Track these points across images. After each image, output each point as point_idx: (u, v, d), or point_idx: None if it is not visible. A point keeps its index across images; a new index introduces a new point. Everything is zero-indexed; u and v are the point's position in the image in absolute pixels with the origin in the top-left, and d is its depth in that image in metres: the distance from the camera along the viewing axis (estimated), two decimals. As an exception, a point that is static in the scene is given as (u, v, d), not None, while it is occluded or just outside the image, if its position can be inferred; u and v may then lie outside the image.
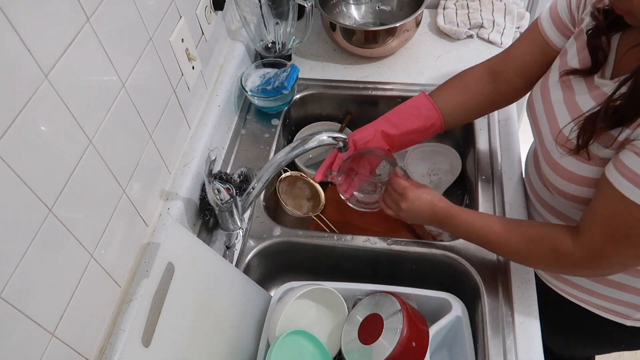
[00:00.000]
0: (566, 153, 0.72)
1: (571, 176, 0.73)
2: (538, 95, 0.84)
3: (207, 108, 1.05)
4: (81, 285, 0.65)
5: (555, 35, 0.84)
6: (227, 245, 0.96)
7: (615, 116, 0.65)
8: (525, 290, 0.87)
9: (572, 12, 0.81)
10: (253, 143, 1.13)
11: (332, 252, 0.98)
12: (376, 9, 1.40)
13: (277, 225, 0.99)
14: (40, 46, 0.55)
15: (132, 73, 0.75)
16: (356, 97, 1.24)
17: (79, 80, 0.63)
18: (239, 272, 0.87)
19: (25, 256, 0.55)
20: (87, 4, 0.63)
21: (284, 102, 1.16)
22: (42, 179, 0.57)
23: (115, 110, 0.71)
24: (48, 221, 0.58)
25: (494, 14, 1.34)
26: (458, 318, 0.84)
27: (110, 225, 0.71)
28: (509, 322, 0.84)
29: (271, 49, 1.23)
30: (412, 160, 1.23)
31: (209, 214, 0.96)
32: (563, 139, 0.73)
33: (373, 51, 1.26)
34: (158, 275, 0.66)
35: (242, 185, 1.00)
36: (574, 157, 0.72)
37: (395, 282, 0.90)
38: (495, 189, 1.02)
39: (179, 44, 0.89)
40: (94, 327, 0.70)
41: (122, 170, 0.74)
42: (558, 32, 0.83)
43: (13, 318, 0.54)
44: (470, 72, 0.97)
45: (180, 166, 0.94)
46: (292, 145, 0.85)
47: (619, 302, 0.85)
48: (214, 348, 0.76)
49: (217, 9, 1.06)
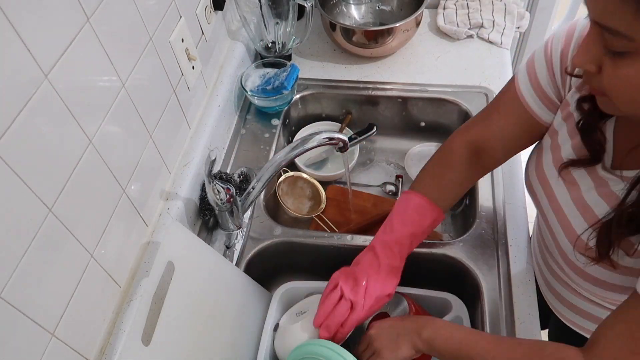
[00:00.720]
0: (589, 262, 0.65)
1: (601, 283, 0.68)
2: (536, 182, 0.76)
3: (207, 108, 1.05)
4: (81, 285, 0.65)
5: (540, 110, 0.73)
6: (227, 245, 0.96)
7: (632, 224, 0.58)
8: (525, 290, 0.87)
9: (557, 86, 0.70)
10: (253, 143, 1.14)
11: (332, 252, 0.98)
12: (376, 9, 1.40)
13: (277, 225, 0.99)
14: (40, 46, 0.55)
15: (132, 73, 0.75)
16: (356, 97, 1.24)
17: (79, 80, 0.63)
18: (239, 271, 0.87)
19: (25, 256, 0.55)
20: (87, 4, 0.63)
21: (284, 102, 1.16)
22: (42, 179, 0.57)
23: (115, 110, 0.71)
24: (48, 221, 0.58)
25: (494, 14, 1.34)
26: (458, 318, 0.84)
27: (110, 225, 0.71)
28: (509, 322, 0.84)
29: (271, 49, 1.23)
30: (412, 161, 1.23)
31: (209, 214, 0.96)
32: (582, 246, 0.66)
33: (373, 51, 1.26)
34: (158, 273, 0.66)
35: (242, 185, 1.00)
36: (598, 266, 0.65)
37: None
38: (495, 189, 1.02)
39: (179, 44, 0.89)
40: (94, 327, 0.70)
41: (122, 170, 0.74)
42: (544, 107, 0.73)
43: (13, 318, 0.54)
44: (456, 157, 0.82)
45: (180, 166, 0.94)
46: (292, 145, 0.85)
47: None
48: (214, 347, 0.76)
49: (217, 9, 1.06)
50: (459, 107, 1.19)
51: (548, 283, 0.87)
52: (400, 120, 1.27)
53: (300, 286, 0.89)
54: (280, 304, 0.88)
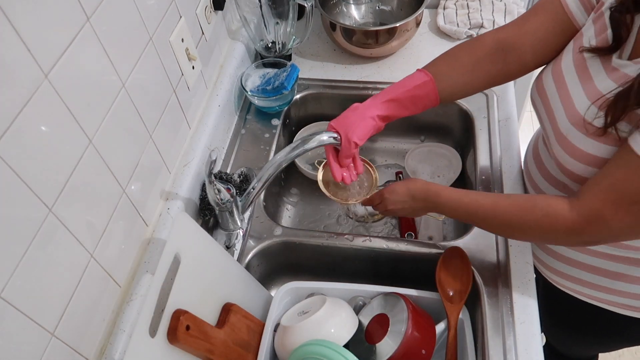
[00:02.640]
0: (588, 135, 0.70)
1: (590, 159, 0.72)
2: (550, 79, 0.80)
3: (207, 108, 1.05)
4: (81, 285, 0.65)
5: (578, 10, 0.78)
6: (227, 245, 0.96)
7: None
8: (525, 290, 0.87)
9: None
10: (253, 143, 1.13)
11: (332, 252, 0.98)
12: (376, 9, 1.40)
13: (277, 225, 0.99)
14: (40, 46, 0.55)
15: (132, 73, 0.75)
16: (356, 97, 1.24)
17: (79, 80, 0.63)
18: (242, 268, 0.87)
19: (25, 256, 0.55)
20: (87, 4, 0.63)
21: (284, 102, 1.16)
22: (42, 178, 0.57)
23: (115, 110, 0.71)
24: (48, 221, 0.58)
25: (494, 14, 1.34)
26: (459, 319, 0.84)
27: (110, 225, 0.71)
28: (509, 322, 0.83)
29: (271, 49, 1.23)
30: (412, 160, 1.23)
31: (209, 214, 0.96)
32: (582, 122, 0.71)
33: (373, 51, 1.26)
34: (167, 263, 0.66)
35: (242, 185, 1.00)
36: (594, 140, 0.70)
37: (395, 282, 0.90)
38: (496, 189, 1.02)
39: (179, 43, 0.89)
40: (94, 327, 0.70)
41: (122, 170, 0.74)
42: (582, 7, 0.77)
43: (13, 318, 0.54)
44: (480, 46, 0.85)
45: (180, 166, 0.94)
46: (292, 145, 0.85)
47: (628, 295, 0.85)
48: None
49: (217, 8, 1.06)
50: (459, 107, 1.19)
51: None
52: (400, 120, 1.26)
53: (301, 286, 0.89)
54: (281, 303, 0.88)
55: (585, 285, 0.89)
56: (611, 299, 0.88)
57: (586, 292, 0.90)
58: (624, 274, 0.83)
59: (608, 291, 0.87)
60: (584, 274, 0.87)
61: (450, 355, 0.80)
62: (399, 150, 1.28)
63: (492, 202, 0.77)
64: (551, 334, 1.16)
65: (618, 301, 0.88)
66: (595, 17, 0.75)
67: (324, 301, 0.82)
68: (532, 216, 0.74)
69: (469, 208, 0.79)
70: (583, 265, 0.87)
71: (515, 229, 0.78)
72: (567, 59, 0.78)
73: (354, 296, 0.88)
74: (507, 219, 0.76)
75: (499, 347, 0.81)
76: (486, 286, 0.88)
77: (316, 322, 0.79)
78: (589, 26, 0.76)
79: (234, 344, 0.76)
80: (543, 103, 0.83)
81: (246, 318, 0.81)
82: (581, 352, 1.20)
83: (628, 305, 0.88)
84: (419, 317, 0.80)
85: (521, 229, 0.77)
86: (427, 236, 1.11)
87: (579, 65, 0.75)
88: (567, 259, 0.89)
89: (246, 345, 0.79)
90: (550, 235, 0.76)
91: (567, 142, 0.75)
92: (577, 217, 0.70)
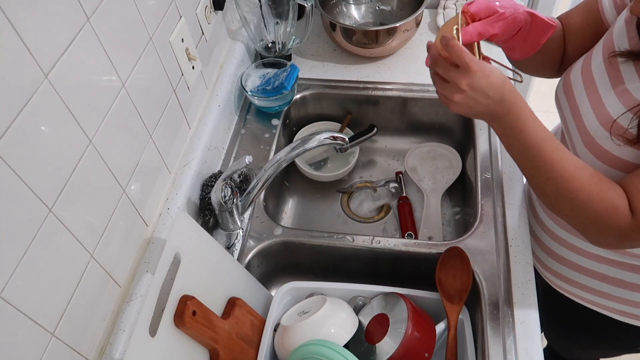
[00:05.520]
0: (623, 143, 0.67)
1: (621, 164, 0.69)
2: (578, 77, 0.78)
3: (207, 108, 1.05)
4: (81, 285, 0.65)
5: (610, 12, 0.78)
6: (227, 246, 0.96)
7: None
8: (525, 290, 0.87)
9: None
10: (253, 143, 1.14)
11: (332, 252, 0.98)
12: (376, 9, 1.40)
13: (277, 225, 0.99)
14: (40, 46, 0.55)
15: (132, 73, 0.75)
16: (356, 97, 1.24)
17: (79, 80, 0.63)
18: (242, 268, 0.87)
19: (25, 256, 0.55)
20: (87, 4, 0.63)
21: (284, 102, 1.16)
22: (42, 179, 0.57)
23: (115, 110, 0.71)
24: (48, 221, 0.58)
25: (494, 14, 1.34)
26: (459, 319, 0.84)
27: (110, 225, 0.71)
28: (509, 322, 0.83)
29: (271, 49, 1.23)
30: (413, 160, 1.23)
31: (209, 214, 0.96)
32: (619, 129, 0.68)
33: (373, 51, 1.26)
34: (167, 263, 0.66)
35: (242, 185, 1.00)
36: (631, 147, 0.67)
37: (395, 282, 0.90)
38: (495, 189, 1.02)
39: (179, 43, 0.89)
40: (94, 327, 0.70)
41: (122, 170, 0.74)
42: (614, 8, 0.77)
43: (13, 318, 0.54)
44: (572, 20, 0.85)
45: (180, 166, 0.94)
46: (292, 145, 0.85)
47: (628, 302, 0.85)
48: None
49: (217, 9, 1.06)
50: (459, 107, 1.19)
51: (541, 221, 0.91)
52: (400, 120, 1.27)
53: (302, 286, 0.89)
54: (281, 303, 0.88)
55: (585, 289, 0.89)
56: (611, 305, 0.88)
57: (586, 297, 0.90)
58: (626, 281, 0.82)
59: (608, 297, 0.87)
60: (585, 278, 0.87)
61: (450, 355, 0.80)
62: (399, 150, 1.28)
63: (575, 159, 0.68)
64: (551, 336, 1.16)
65: (618, 308, 0.87)
66: (628, 17, 0.72)
67: (324, 301, 0.82)
68: (602, 196, 0.66)
69: (546, 153, 0.67)
70: (584, 269, 0.86)
71: (578, 204, 0.67)
72: (597, 57, 0.75)
73: (354, 296, 0.88)
74: (578, 186, 0.66)
75: (499, 347, 0.81)
76: (486, 286, 0.88)
77: (316, 322, 0.79)
78: (621, 28, 0.73)
79: (238, 337, 0.76)
80: (569, 102, 0.80)
81: (250, 314, 0.81)
82: (581, 356, 1.20)
83: (628, 312, 0.87)
84: (419, 317, 0.80)
85: (584, 207, 0.67)
86: (427, 236, 1.11)
87: (611, 66, 0.72)
88: (568, 262, 0.88)
89: (249, 340, 0.79)
90: (605, 229, 0.68)
91: (600, 148, 0.72)
92: (638, 222, 0.65)
